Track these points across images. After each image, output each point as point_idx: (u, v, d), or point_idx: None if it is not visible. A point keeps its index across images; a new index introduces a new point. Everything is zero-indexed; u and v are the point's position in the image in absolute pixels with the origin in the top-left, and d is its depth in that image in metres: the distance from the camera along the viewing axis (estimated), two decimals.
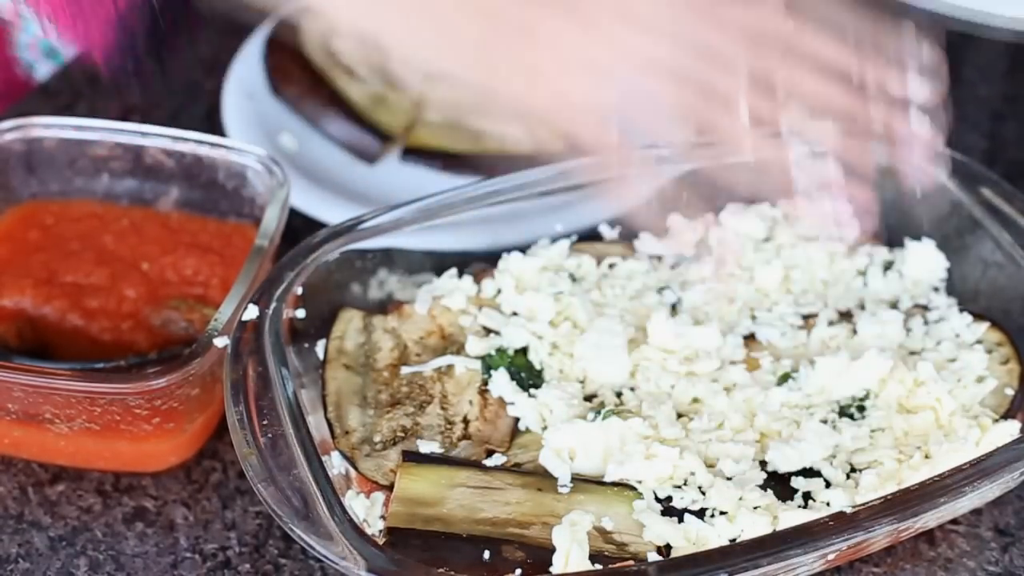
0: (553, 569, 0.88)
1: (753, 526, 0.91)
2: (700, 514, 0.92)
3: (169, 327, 1.09)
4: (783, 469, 0.96)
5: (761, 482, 0.95)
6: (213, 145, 1.16)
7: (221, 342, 0.99)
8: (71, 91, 1.41)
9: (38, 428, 1.03)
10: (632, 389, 1.02)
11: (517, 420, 0.99)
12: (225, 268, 1.13)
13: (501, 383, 1.00)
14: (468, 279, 1.09)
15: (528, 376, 1.02)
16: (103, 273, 1.11)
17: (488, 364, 1.02)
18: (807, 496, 0.95)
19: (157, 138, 1.17)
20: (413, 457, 0.96)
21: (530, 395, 1.00)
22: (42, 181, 1.18)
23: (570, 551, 0.87)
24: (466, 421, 0.99)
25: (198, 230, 1.17)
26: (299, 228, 1.17)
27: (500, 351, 1.02)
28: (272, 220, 1.08)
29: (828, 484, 0.95)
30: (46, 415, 1.01)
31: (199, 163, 1.16)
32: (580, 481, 0.94)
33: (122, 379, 1.00)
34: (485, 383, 1.02)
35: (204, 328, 1.01)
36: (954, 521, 1.04)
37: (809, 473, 0.96)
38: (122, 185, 1.18)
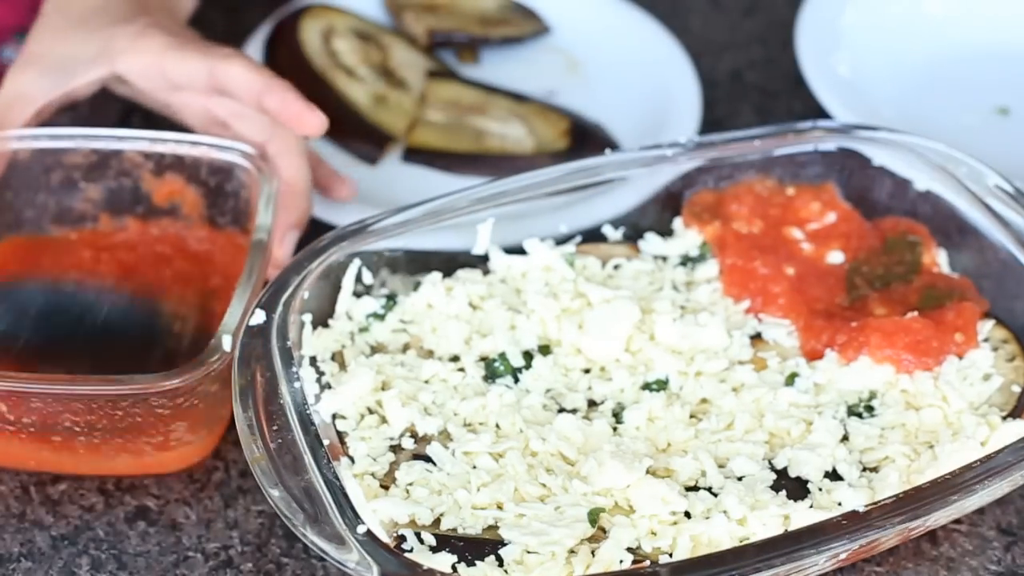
0: None
1: (765, 527, 0.91)
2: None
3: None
4: (802, 474, 0.96)
5: (771, 482, 0.95)
6: (194, 143, 1.14)
7: (227, 341, 0.99)
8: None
9: (61, 442, 1.02)
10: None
11: None
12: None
13: None
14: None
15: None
16: None
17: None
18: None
19: (135, 141, 1.14)
20: None
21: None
22: (19, 198, 1.15)
23: None
24: None
25: (180, 241, 1.16)
26: None
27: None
28: (267, 214, 1.07)
29: (836, 481, 0.96)
30: (65, 424, 1.00)
31: (180, 163, 1.14)
32: None
33: (143, 380, 0.98)
34: None
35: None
36: (957, 520, 1.04)
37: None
38: (102, 192, 1.16)
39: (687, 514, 0.93)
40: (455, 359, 1.04)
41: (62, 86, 1.14)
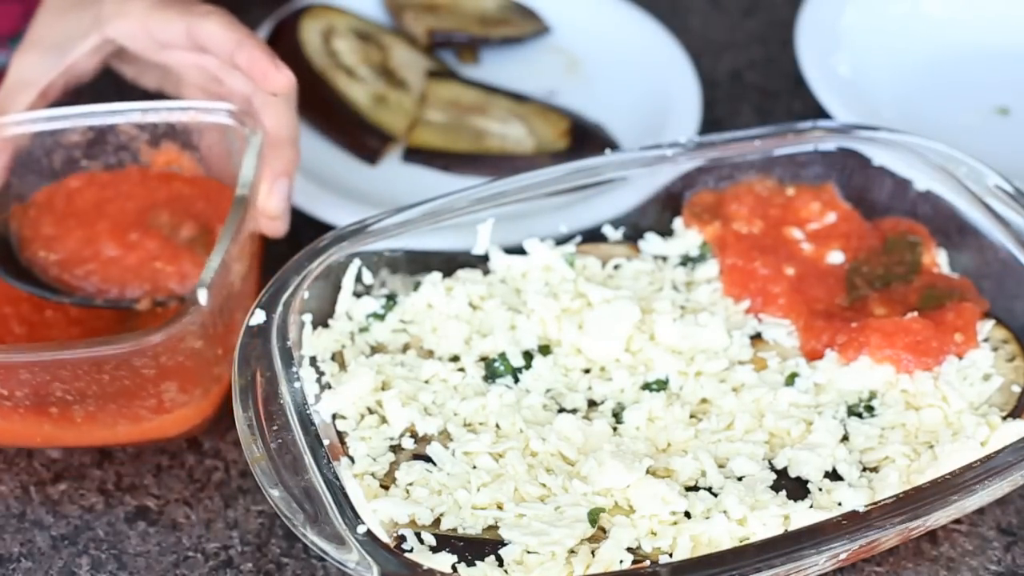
0: None
1: (765, 527, 0.91)
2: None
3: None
4: (802, 474, 0.96)
5: (771, 482, 0.95)
6: (183, 109, 1.15)
7: (203, 295, 0.99)
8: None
9: (58, 413, 1.02)
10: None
11: None
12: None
13: None
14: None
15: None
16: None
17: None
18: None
19: (128, 114, 1.16)
20: None
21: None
22: (24, 182, 1.16)
23: None
24: None
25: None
26: (301, 228, 1.17)
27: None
28: (249, 169, 1.07)
29: (836, 481, 0.96)
30: (57, 393, 1.01)
31: (173, 131, 1.16)
32: None
33: (118, 340, 0.98)
34: None
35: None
36: (957, 520, 1.04)
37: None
38: (103, 169, 1.17)
39: (687, 514, 0.93)
40: (455, 359, 1.04)
41: (60, 64, 1.15)
